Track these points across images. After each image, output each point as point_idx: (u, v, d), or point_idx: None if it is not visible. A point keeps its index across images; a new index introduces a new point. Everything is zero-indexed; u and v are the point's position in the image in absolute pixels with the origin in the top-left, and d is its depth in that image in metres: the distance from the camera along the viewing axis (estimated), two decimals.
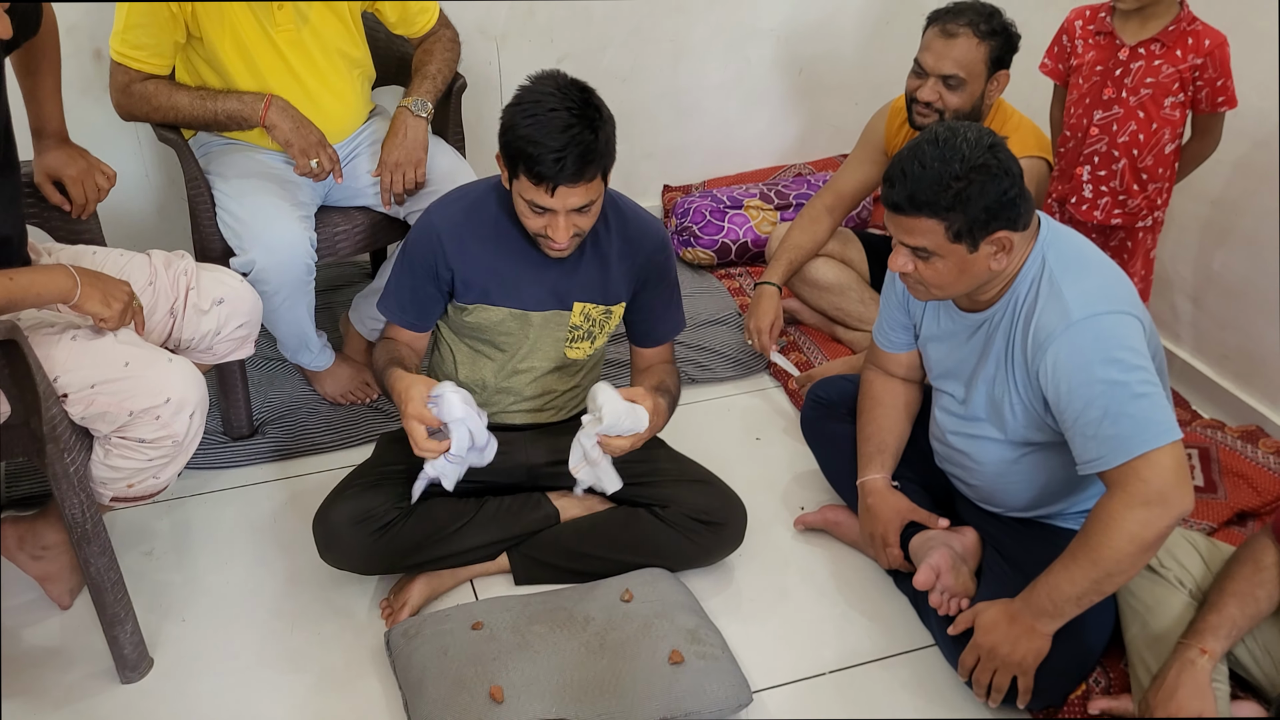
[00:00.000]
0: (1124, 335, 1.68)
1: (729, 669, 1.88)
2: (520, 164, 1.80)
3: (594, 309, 2.06)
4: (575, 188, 1.80)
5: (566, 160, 1.76)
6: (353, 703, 1.89)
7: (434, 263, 1.98)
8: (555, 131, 1.75)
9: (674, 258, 2.12)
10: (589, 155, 1.77)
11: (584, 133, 1.76)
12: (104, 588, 1.85)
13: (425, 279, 2.00)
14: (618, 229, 2.02)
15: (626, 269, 2.05)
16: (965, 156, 1.67)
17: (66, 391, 1.73)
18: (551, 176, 1.77)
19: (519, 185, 1.84)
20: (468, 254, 1.98)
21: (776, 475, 2.44)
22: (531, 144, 1.76)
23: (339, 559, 2.02)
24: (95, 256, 1.97)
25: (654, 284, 2.09)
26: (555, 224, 1.85)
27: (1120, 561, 1.65)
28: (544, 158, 1.76)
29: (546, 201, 1.81)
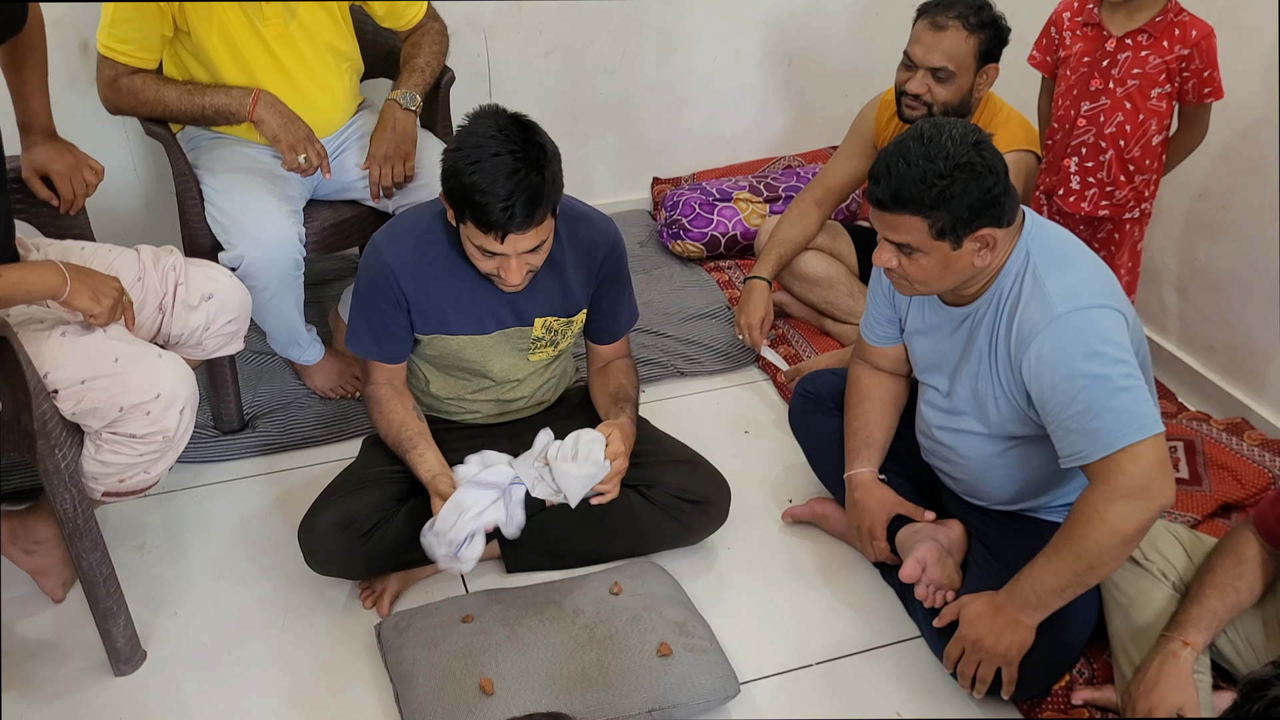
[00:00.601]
0: (1107, 329, 1.69)
1: (716, 661, 1.90)
2: (467, 211, 1.77)
3: (555, 321, 2.07)
4: (526, 233, 1.78)
5: (515, 208, 1.73)
6: (344, 695, 1.91)
7: (392, 295, 1.96)
8: (501, 179, 1.72)
9: (625, 254, 2.11)
10: (537, 199, 1.75)
11: (530, 176, 1.73)
12: (96, 582, 1.86)
13: (390, 309, 1.98)
14: (569, 239, 2.01)
15: (583, 277, 2.05)
16: (950, 154, 1.67)
17: (57, 388, 1.74)
18: (501, 225, 1.75)
19: (467, 230, 1.82)
20: (422, 287, 1.96)
21: (764, 468, 2.45)
22: (478, 193, 1.73)
23: (325, 566, 2.03)
24: (84, 252, 1.97)
25: (608, 285, 2.09)
26: (507, 266, 1.84)
27: (1103, 554, 1.67)
28: (492, 206, 1.73)
29: (497, 248, 1.80)
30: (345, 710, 1.88)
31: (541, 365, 2.14)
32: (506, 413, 2.17)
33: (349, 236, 2.52)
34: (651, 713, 1.81)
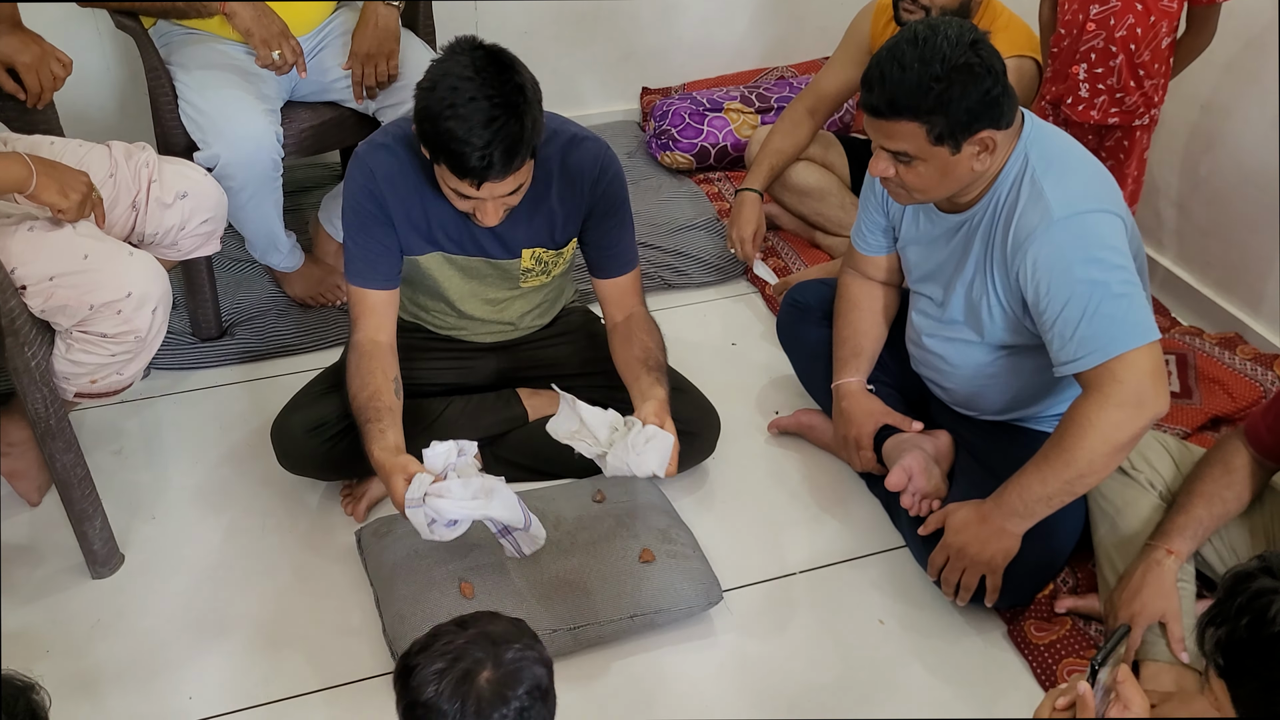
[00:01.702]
0: (1105, 234, 1.66)
1: (699, 567, 1.89)
2: (442, 157, 1.67)
3: (544, 252, 1.98)
4: (503, 180, 1.69)
5: (492, 156, 1.62)
6: (324, 600, 1.90)
7: (383, 205, 1.85)
8: (478, 126, 1.60)
9: (620, 180, 1.95)
10: (515, 147, 1.64)
11: (509, 123, 1.62)
12: (71, 483, 1.83)
13: (383, 223, 1.87)
14: (559, 166, 1.88)
15: (572, 207, 1.93)
16: (946, 56, 1.61)
17: (25, 284, 1.69)
18: (478, 173, 1.65)
19: (442, 172, 1.72)
20: (405, 203, 1.86)
21: (751, 380, 2.43)
22: (453, 140, 1.62)
23: (296, 466, 2.01)
24: (53, 147, 1.90)
25: (601, 214, 1.95)
26: (483, 209, 1.75)
27: (1093, 462, 1.65)
28: (469, 155, 1.62)
29: (472, 193, 1.70)
30: (325, 614, 1.87)
31: (532, 294, 2.08)
32: (495, 332, 2.12)
33: (328, 139, 2.46)
34: (633, 618, 1.81)
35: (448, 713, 1.08)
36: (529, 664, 1.12)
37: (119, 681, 1.75)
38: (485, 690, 1.09)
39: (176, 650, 1.81)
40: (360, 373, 1.86)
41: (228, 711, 1.71)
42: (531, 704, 1.10)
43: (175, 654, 1.80)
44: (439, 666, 1.10)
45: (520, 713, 1.09)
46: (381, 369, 1.87)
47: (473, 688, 1.08)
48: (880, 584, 1.95)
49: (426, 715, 1.09)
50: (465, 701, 1.08)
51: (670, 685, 1.77)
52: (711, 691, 1.76)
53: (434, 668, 1.10)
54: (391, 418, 1.82)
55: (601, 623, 1.79)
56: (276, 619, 1.86)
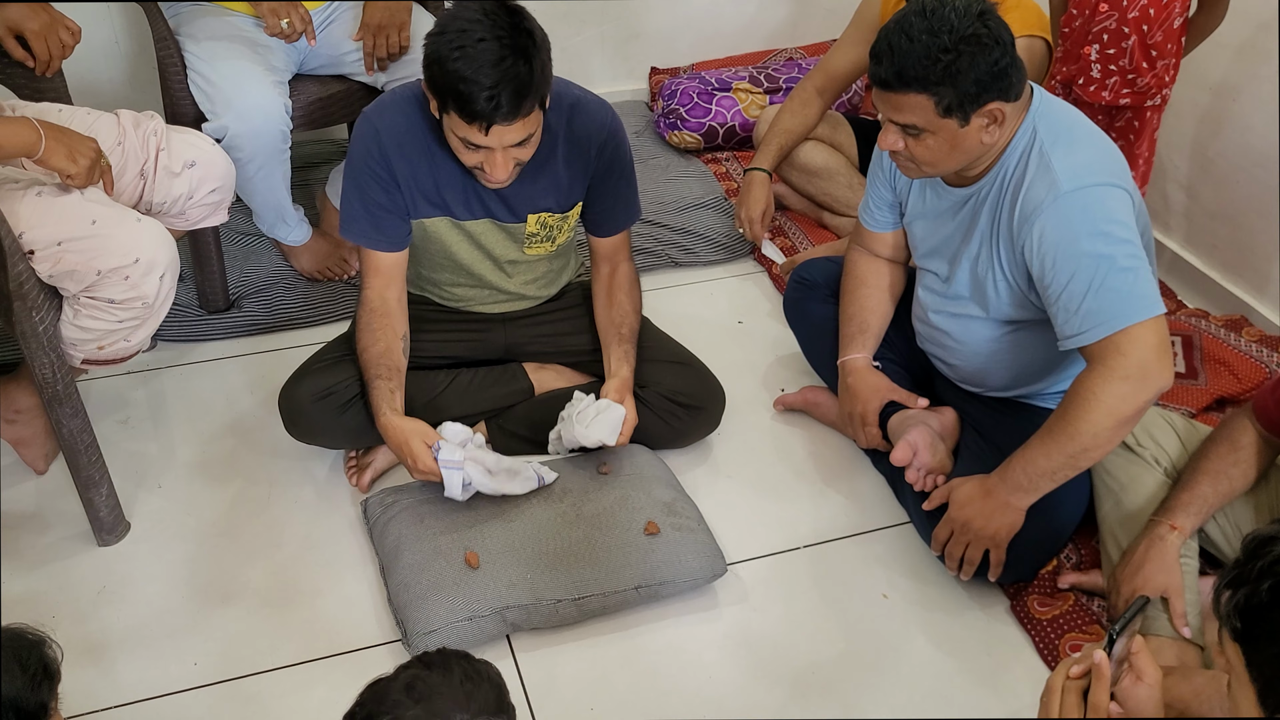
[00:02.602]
0: (1112, 208, 1.65)
1: (704, 540, 1.89)
2: (450, 101, 1.66)
3: (550, 217, 1.98)
4: (511, 125, 1.68)
5: (500, 97, 1.63)
6: (329, 569, 1.90)
7: (389, 167, 1.85)
8: (486, 66, 1.61)
9: (625, 144, 1.98)
10: (524, 89, 1.64)
11: (517, 64, 1.63)
12: (78, 450, 1.84)
13: (388, 186, 1.87)
14: (564, 130, 1.89)
15: (579, 170, 1.94)
16: (954, 27, 1.61)
17: (33, 248, 1.70)
18: (486, 115, 1.65)
19: (450, 121, 1.72)
20: (412, 164, 1.86)
21: (758, 358, 2.43)
22: (461, 81, 1.62)
23: (305, 434, 2.01)
24: (61, 114, 1.90)
25: (605, 176, 1.97)
26: (492, 160, 1.74)
27: (1097, 436, 1.64)
28: (476, 96, 1.62)
29: (481, 140, 1.70)
30: (330, 584, 1.88)
31: (537, 262, 2.08)
32: (501, 301, 2.12)
33: (336, 112, 2.45)
34: (638, 589, 1.81)
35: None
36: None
37: (125, 647, 1.76)
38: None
39: (182, 617, 1.81)
40: (371, 328, 1.89)
41: (232, 677, 1.72)
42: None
43: (181, 620, 1.81)
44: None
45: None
46: (392, 326, 1.90)
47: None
48: (884, 559, 1.95)
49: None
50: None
51: (675, 656, 1.77)
52: (715, 663, 1.77)
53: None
54: (400, 379, 1.87)
55: (606, 593, 1.80)
56: (281, 587, 1.87)
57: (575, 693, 1.71)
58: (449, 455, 1.81)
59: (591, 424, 1.90)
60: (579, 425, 1.91)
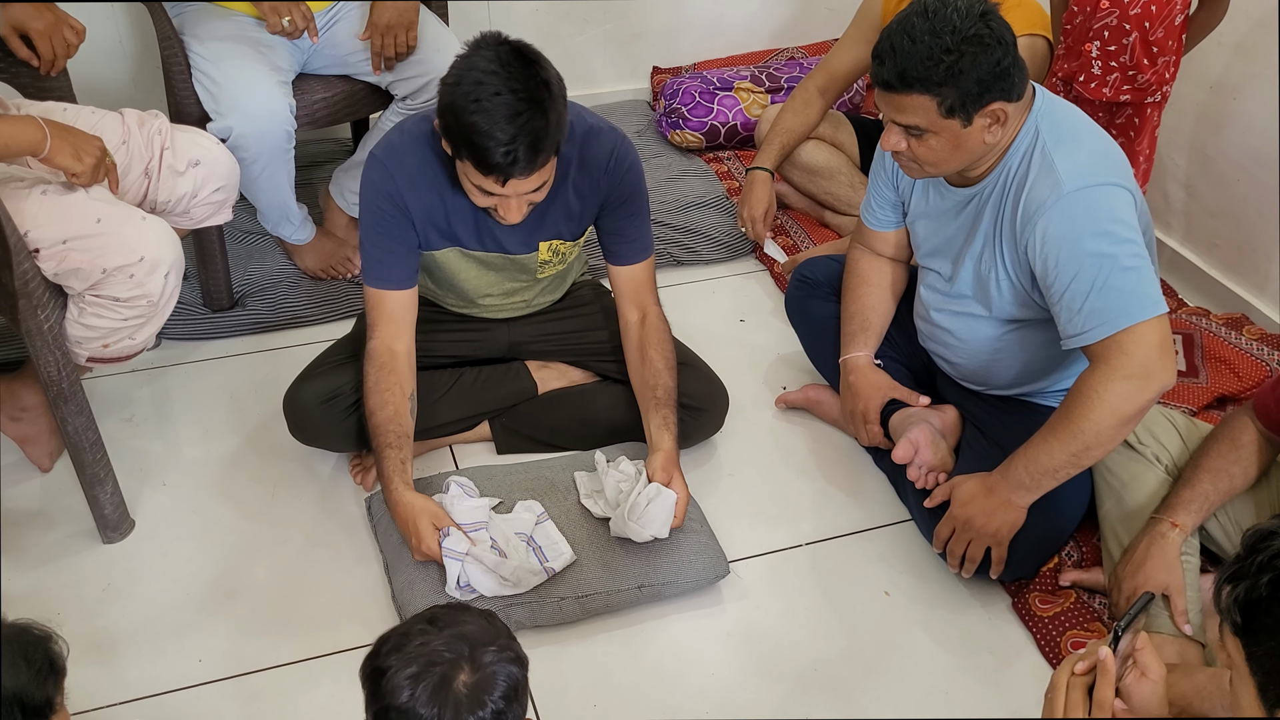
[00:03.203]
0: (1115, 207, 1.66)
1: (707, 541, 1.89)
2: (465, 152, 1.65)
3: (560, 244, 1.97)
4: (528, 177, 1.67)
5: (517, 152, 1.61)
6: (333, 566, 1.91)
7: (402, 205, 1.83)
8: (502, 121, 1.59)
9: (636, 171, 1.93)
10: (540, 143, 1.63)
11: (534, 119, 1.60)
12: (82, 447, 1.85)
13: (401, 223, 1.85)
14: (576, 159, 1.87)
15: (589, 199, 1.92)
16: (956, 27, 1.62)
17: (38, 247, 1.70)
18: (503, 170, 1.63)
19: (464, 168, 1.70)
20: (425, 202, 1.85)
21: (759, 356, 2.43)
22: (477, 134, 1.60)
23: (309, 437, 2.01)
24: (66, 113, 1.91)
25: (616, 204, 1.93)
26: (506, 205, 1.73)
27: (1099, 434, 1.65)
28: (493, 150, 1.60)
29: (496, 190, 1.69)
30: (334, 580, 1.89)
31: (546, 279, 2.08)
32: (506, 307, 2.12)
33: (340, 112, 2.46)
34: (641, 588, 1.82)
35: (425, 717, 1.04)
36: (505, 664, 1.09)
37: (130, 645, 1.77)
38: (463, 695, 1.05)
39: (186, 614, 1.82)
40: (380, 389, 1.84)
41: (237, 674, 1.73)
42: (508, 706, 1.07)
43: (185, 618, 1.81)
44: (414, 670, 1.06)
45: (497, 715, 1.06)
46: (400, 385, 1.85)
47: (450, 694, 1.05)
48: (886, 557, 1.96)
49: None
50: (443, 708, 1.04)
51: (677, 654, 1.78)
52: (718, 660, 1.77)
53: (408, 671, 1.06)
54: (409, 447, 1.83)
55: (609, 592, 1.80)
56: (286, 584, 1.87)
57: (579, 690, 1.72)
58: (454, 545, 1.73)
59: (643, 518, 1.80)
60: (631, 521, 1.80)
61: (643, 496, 1.81)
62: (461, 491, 1.86)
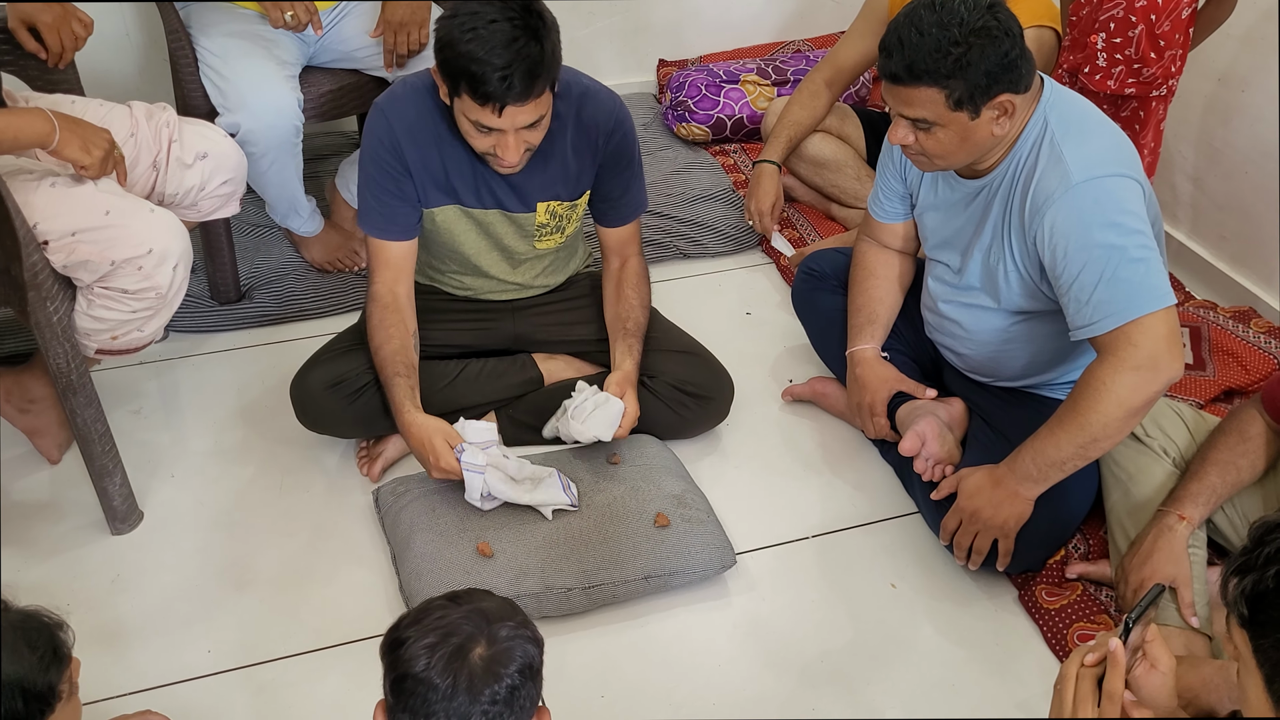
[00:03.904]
0: (1124, 199, 1.66)
1: (713, 532, 1.90)
2: (463, 83, 1.68)
3: (559, 205, 1.99)
4: (524, 105, 1.69)
5: (513, 78, 1.64)
6: (340, 557, 1.91)
7: (400, 156, 1.87)
8: (498, 47, 1.63)
9: (632, 134, 1.99)
10: (536, 69, 1.66)
11: (529, 45, 1.65)
12: (91, 439, 1.85)
13: (400, 174, 1.89)
14: (573, 119, 1.90)
15: (587, 159, 1.95)
16: (964, 20, 1.62)
17: (47, 239, 1.71)
18: (498, 96, 1.66)
19: (462, 104, 1.73)
20: (423, 152, 1.87)
21: (766, 349, 2.43)
22: (473, 62, 1.64)
23: (316, 423, 2.03)
24: (74, 106, 1.92)
25: (613, 166, 1.98)
26: (504, 143, 1.75)
27: (1107, 426, 1.65)
28: (488, 76, 1.64)
29: (494, 122, 1.71)
30: (341, 571, 1.89)
31: (545, 254, 2.09)
32: (507, 290, 2.13)
33: (347, 104, 2.46)
34: (647, 579, 1.82)
35: (439, 687, 1.05)
36: (522, 642, 1.10)
37: (139, 635, 1.78)
38: (478, 666, 1.06)
39: (195, 605, 1.83)
40: (384, 325, 1.90)
41: (245, 665, 1.74)
42: (522, 683, 1.08)
43: (194, 609, 1.82)
44: (431, 640, 1.07)
45: (511, 691, 1.07)
46: (403, 322, 1.91)
47: (465, 663, 1.06)
48: (892, 549, 1.96)
49: (416, 689, 1.06)
50: (458, 677, 1.05)
51: (683, 645, 1.78)
52: (724, 651, 1.78)
53: (426, 641, 1.07)
54: (415, 376, 1.88)
55: (616, 583, 1.81)
56: (294, 575, 1.88)
57: (586, 680, 1.72)
58: (472, 458, 1.79)
59: (589, 419, 1.88)
60: (575, 421, 1.88)
61: (590, 401, 1.90)
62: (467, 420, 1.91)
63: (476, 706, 1.05)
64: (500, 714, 1.06)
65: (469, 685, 1.05)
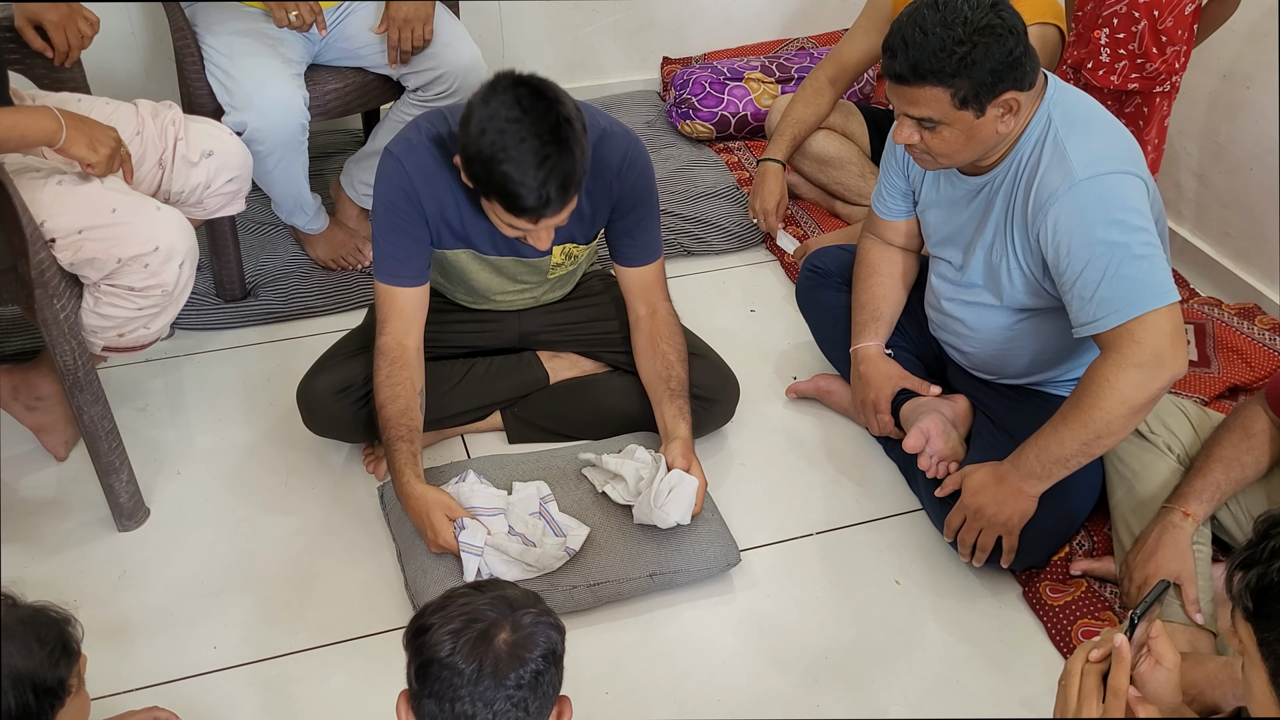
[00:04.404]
0: (1127, 196, 1.66)
1: (718, 530, 1.90)
2: (497, 198, 1.67)
3: (573, 247, 1.98)
4: (560, 214, 1.70)
5: (549, 194, 1.63)
6: (347, 555, 1.92)
7: (417, 203, 1.83)
8: (533, 168, 1.61)
9: (647, 173, 1.94)
10: (569, 182, 1.65)
11: (562, 159, 1.62)
12: (98, 436, 1.86)
13: (416, 220, 1.85)
14: (592, 164, 1.84)
15: (600, 201, 1.92)
16: (967, 19, 1.61)
17: (54, 236, 1.71)
18: (535, 211, 1.66)
19: (493, 207, 1.71)
20: (439, 201, 1.85)
21: (770, 346, 2.44)
22: (509, 182, 1.62)
23: (323, 428, 2.03)
24: (81, 104, 1.93)
25: (627, 206, 1.94)
26: (537, 236, 1.74)
27: (1111, 423, 1.65)
28: (525, 196, 1.63)
29: (528, 228, 1.71)
30: (347, 568, 1.90)
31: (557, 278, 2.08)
32: (516, 302, 2.12)
33: (352, 102, 2.47)
34: (652, 577, 1.83)
35: (464, 672, 1.06)
36: (545, 628, 1.11)
37: (145, 631, 1.78)
38: (502, 651, 1.07)
39: (201, 602, 1.83)
40: (390, 383, 1.85)
41: (251, 661, 1.74)
42: (546, 668, 1.09)
43: (200, 605, 1.83)
44: (455, 626, 1.08)
45: (535, 676, 1.08)
46: (410, 380, 1.86)
47: (490, 648, 1.07)
48: (896, 546, 1.96)
49: (441, 674, 1.07)
50: (482, 661, 1.06)
51: (688, 642, 1.79)
52: (729, 648, 1.78)
53: (450, 627, 1.08)
54: (419, 441, 1.84)
55: (621, 580, 1.81)
56: (300, 573, 1.89)
57: (591, 677, 1.72)
58: (470, 539, 1.74)
59: (667, 504, 1.81)
60: (656, 509, 1.81)
61: (665, 484, 1.83)
62: (477, 480, 1.87)
63: (501, 691, 1.06)
64: (525, 699, 1.07)
65: (494, 670, 1.06)
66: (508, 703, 1.06)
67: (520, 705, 1.07)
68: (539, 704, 1.09)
